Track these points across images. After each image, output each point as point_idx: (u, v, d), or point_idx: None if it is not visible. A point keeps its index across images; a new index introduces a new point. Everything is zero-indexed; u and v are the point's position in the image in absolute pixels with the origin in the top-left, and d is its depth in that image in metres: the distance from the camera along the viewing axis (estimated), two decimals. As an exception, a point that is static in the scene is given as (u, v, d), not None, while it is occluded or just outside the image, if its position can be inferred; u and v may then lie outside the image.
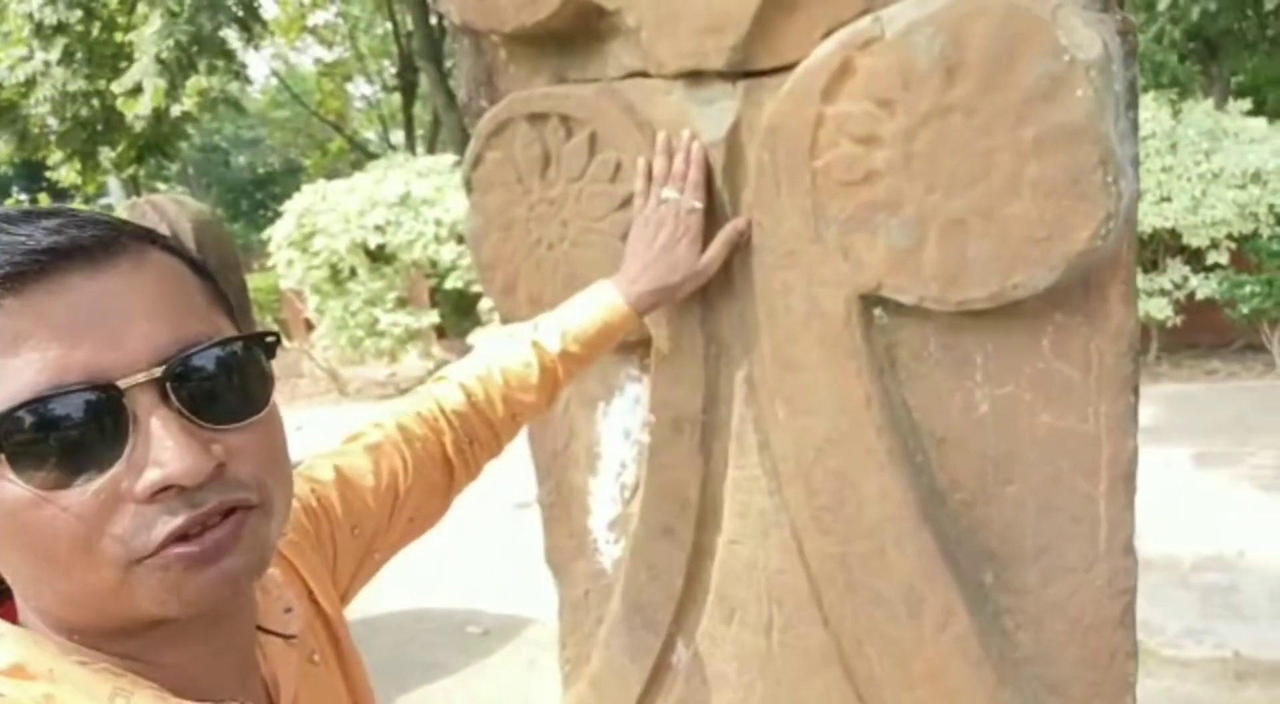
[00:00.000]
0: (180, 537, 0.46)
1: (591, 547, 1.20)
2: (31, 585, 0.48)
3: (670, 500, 1.03)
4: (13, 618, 0.50)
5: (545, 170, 1.04)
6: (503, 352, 0.90)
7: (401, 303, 8.84)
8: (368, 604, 3.85)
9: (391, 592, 3.88)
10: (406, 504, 0.79)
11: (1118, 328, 0.84)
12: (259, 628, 0.57)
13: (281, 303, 11.59)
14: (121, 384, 0.44)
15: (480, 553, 3.77)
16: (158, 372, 0.45)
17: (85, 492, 0.44)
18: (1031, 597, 0.91)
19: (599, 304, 0.92)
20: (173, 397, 0.46)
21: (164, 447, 0.45)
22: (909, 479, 0.90)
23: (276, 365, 0.54)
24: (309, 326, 10.81)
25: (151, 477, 0.45)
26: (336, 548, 0.72)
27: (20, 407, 0.43)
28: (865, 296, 0.89)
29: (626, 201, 0.99)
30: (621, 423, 1.13)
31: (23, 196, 12.43)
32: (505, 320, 1.16)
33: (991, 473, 0.91)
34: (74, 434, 0.44)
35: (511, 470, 1.24)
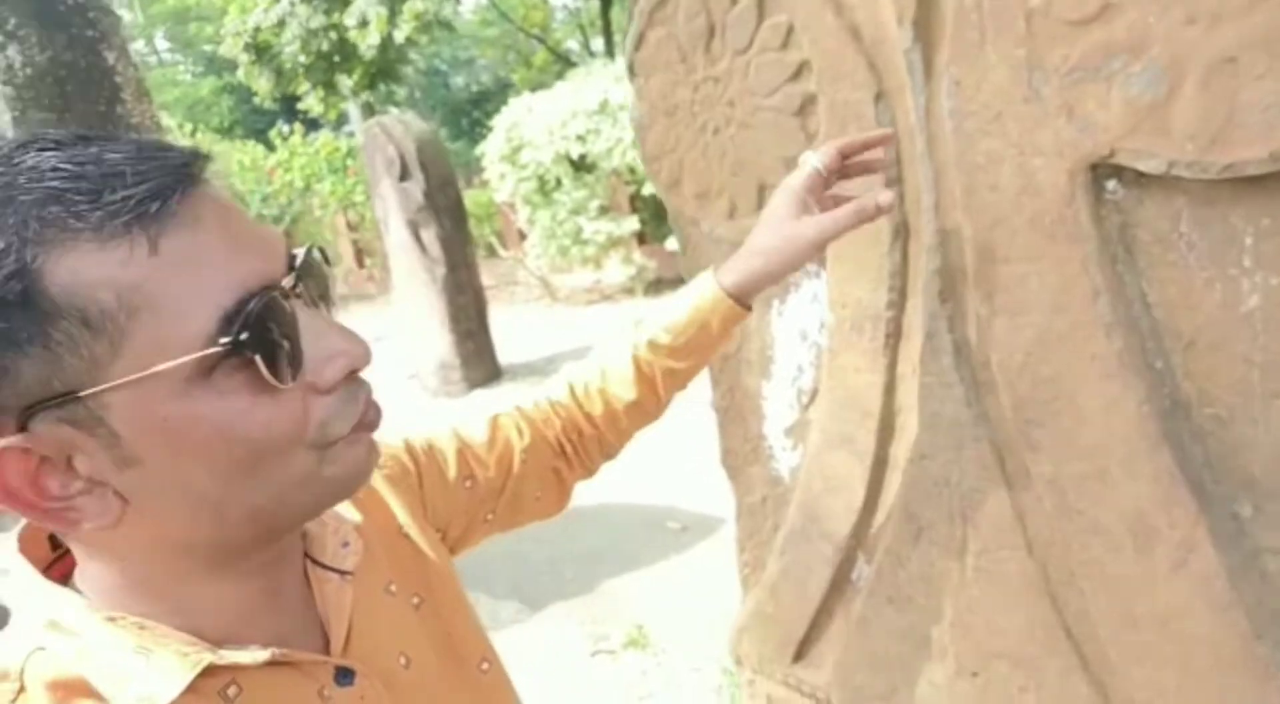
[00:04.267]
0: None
1: (767, 453, 1.13)
2: (213, 500, 0.47)
3: (850, 408, 0.94)
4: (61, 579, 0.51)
5: (710, 43, 0.94)
6: (610, 348, 0.85)
7: (604, 211, 8.99)
8: (576, 495, 4.07)
9: (599, 485, 4.06)
10: (526, 477, 0.79)
11: None
12: (313, 561, 0.57)
13: (497, 215, 12.21)
14: (284, 284, 0.47)
15: (682, 452, 3.83)
16: (292, 275, 0.47)
17: (290, 390, 0.46)
18: (1306, 535, 0.74)
19: (692, 289, 0.82)
20: (305, 294, 0.49)
21: (331, 337, 0.48)
22: (1146, 389, 0.74)
23: (495, 274, 0.59)
24: (522, 237, 11.33)
25: (339, 364, 0.48)
26: (447, 494, 0.73)
27: (227, 317, 0.43)
28: (1095, 166, 0.72)
29: (799, 71, 0.87)
30: (797, 323, 1.04)
31: (285, 127, 13.94)
32: (673, 218, 1.09)
33: (1258, 382, 0.73)
34: (270, 336, 0.44)
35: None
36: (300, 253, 0.49)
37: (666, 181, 1.04)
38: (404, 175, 6.19)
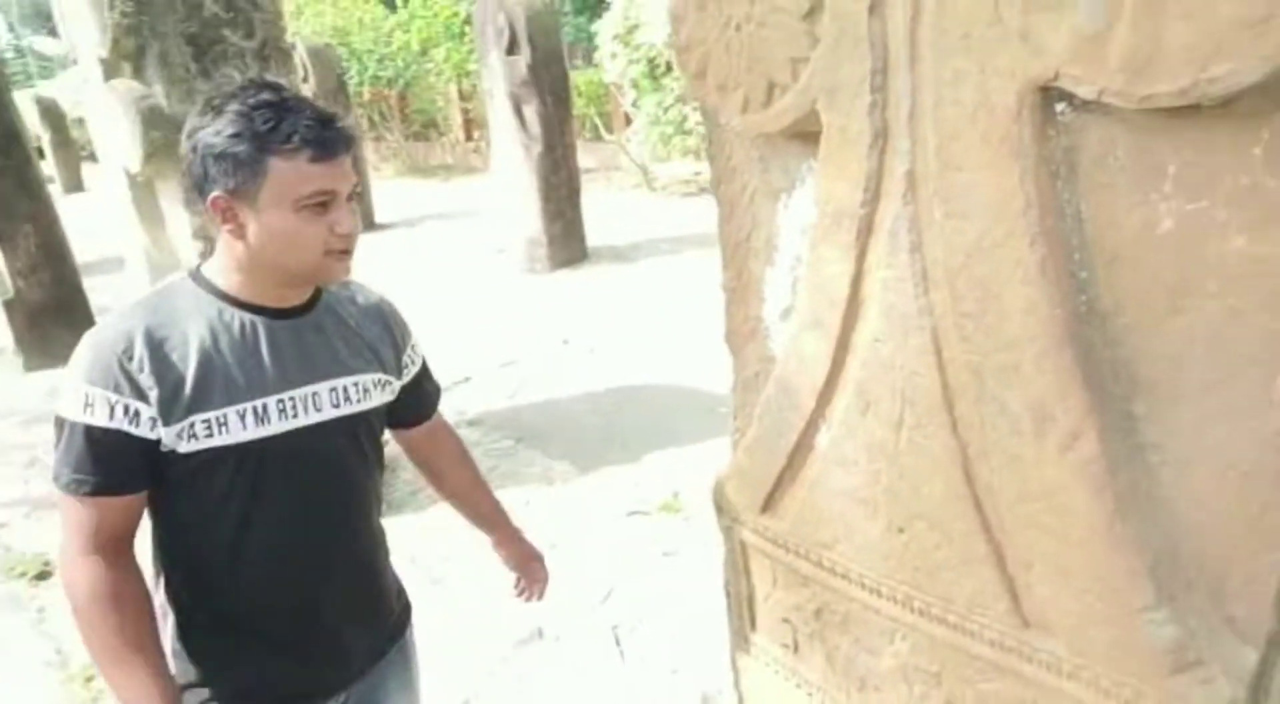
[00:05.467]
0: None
1: (764, 333, 1.27)
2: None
3: (823, 294, 1.06)
4: None
5: (740, -54, 1.02)
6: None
7: (709, 101, 8.84)
8: (638, 372, 4.29)
9: (659, 370, 4.28)
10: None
11: (1357, 138, 0.68)
12: None
13: (606, 97, 12.13)
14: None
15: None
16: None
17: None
18: (1184, 436, 0.84)
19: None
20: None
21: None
22: (1060, 295, 0.84)
23: (597, 157, 0.80)
24: (627, 121, 11.27)
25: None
26: None
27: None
28: (1043, 89, 0.80)
29: (809, -21, 0.95)
30: (799, 217, 1.15)
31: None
32: (700, 105, 1.20)
33: (1163, 299, 0.82)
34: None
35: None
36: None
37: (694, 72, 1.14)
38: (512, 48, 6.27)
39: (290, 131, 1.08)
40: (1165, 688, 0.85)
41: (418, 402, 1.45)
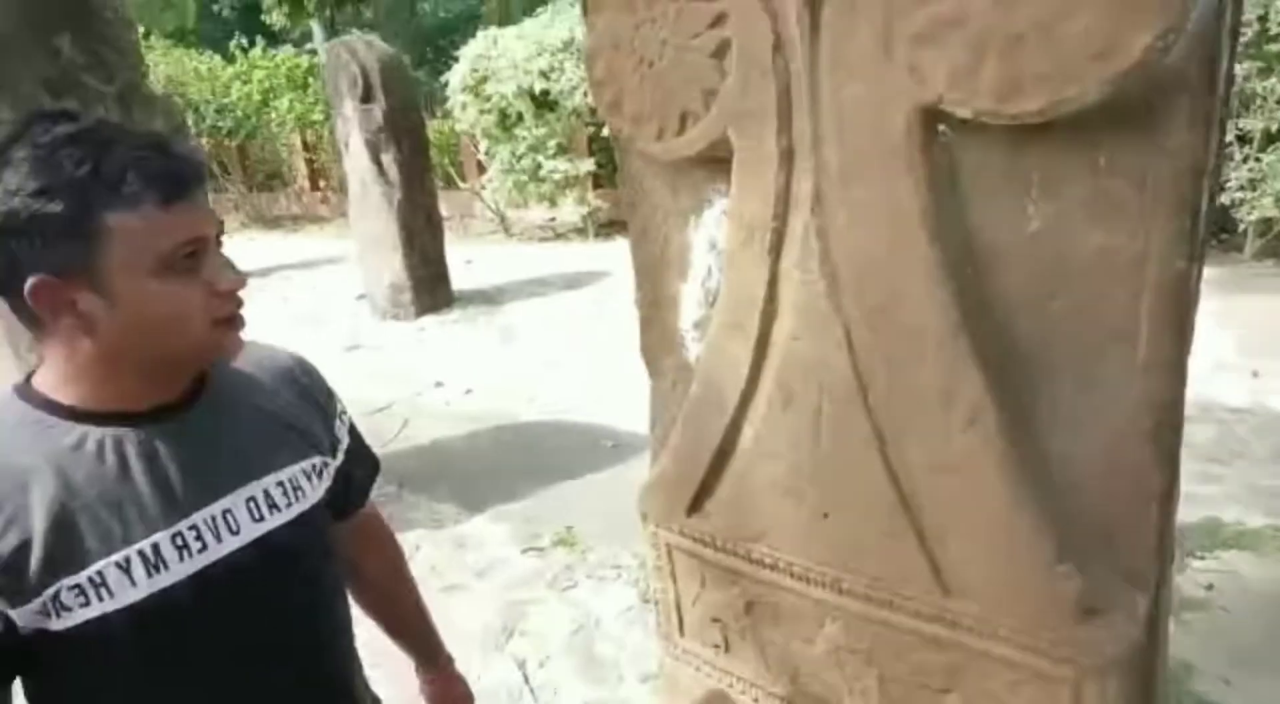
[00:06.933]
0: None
1: (679, 344, 1.36)
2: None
3: (742, 300, 1.16)
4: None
5: (650, -10, 1.12)
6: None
7: (562, 150, 9.06)
8: (518, 411, 4.28)
9: (539, 405, 4.29)
10: None
11: (1178, 147, 0.85)
12: None
13: (457, 146, 12.12)
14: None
15: (620, 377, 4.08)
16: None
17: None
18: (1066, 405, 0.98)
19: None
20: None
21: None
22: (954, 289, 0.97)
23: (452, 205, 0.80)
24: (481, 169, 11.29)
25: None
26: None
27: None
28: (927, 111, 0.94)
29: (718, 20, 1.06)
30: (709, 233, 1.25)
31: (243, 40, 13.54)
32: (614, 136, 1.29)
33: (1037, 288, 0.96)
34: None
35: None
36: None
37: (609, 103, 1.23)
38: (366, 97, 6.21)
39: (121, 170, 0.79)
40: (1077, 636, 0.98)
41: (344, 486, 1.09)
